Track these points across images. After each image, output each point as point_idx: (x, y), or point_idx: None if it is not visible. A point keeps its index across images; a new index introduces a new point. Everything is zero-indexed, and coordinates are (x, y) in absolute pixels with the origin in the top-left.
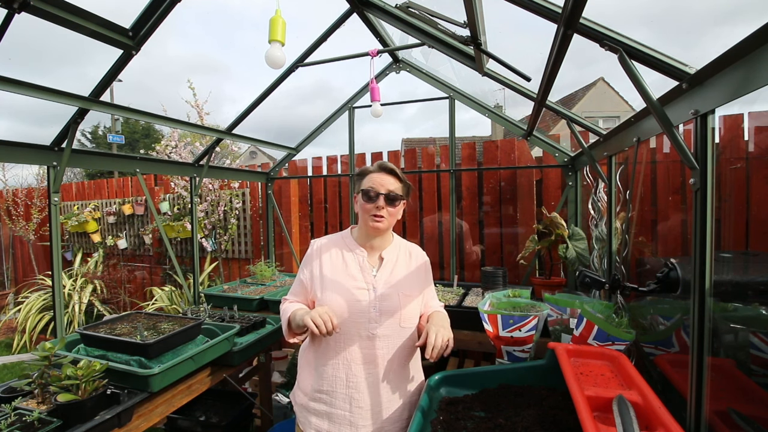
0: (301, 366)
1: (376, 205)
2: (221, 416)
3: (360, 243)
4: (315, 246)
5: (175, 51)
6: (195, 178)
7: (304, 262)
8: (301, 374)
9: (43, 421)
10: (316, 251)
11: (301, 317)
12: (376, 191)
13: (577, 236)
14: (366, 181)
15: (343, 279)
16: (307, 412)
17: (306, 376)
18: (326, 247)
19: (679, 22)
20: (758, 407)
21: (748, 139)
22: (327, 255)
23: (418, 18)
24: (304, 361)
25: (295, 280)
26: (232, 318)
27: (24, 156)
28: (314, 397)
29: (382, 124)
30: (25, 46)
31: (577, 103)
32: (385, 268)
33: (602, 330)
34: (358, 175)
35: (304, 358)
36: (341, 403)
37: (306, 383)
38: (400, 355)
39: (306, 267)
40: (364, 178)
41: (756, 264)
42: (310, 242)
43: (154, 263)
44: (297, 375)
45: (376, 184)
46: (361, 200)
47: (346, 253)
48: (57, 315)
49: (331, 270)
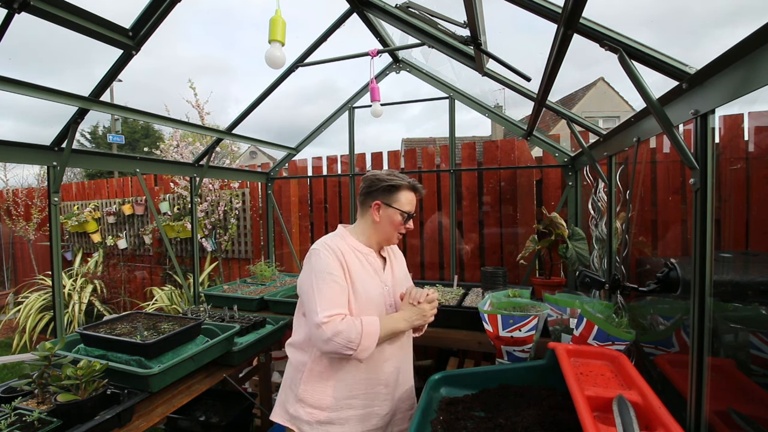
0: (307, 380)
1: (407, 226)
2: (221, 416)
3: (367, 245)
4: (332, 251)
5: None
6: (195, 178)
7: (326, 267)
8: (311, 390)
9: (43, 421)
10: (340, 256)
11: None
12: (413, 214)
13: (577, 236)
14: (404, 200)
15: (369, 282)
16: (329, 425)
17: (323, 390)
18: (344, 251)
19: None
20: (758, 407)
21: (748, 139)
22: (350, 259)
23: (418, 18)
24: (312, 375)
25: (332, 289)
26: (232, 318)
27: (24, 156)
28: (340, 406)
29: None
30: (25, 46)
31: (577, 103)
32: (388, 266)
33: (602, 330)
34: (390, 186)
35: (312, 371)
36: (371, 401)
37: (324, 397)
38: (407, 342)
39: (334, 272)
40: (399, 194)
41: (756, 264)
42: (322, 248)
43: (154, 263)
44: (301, 392)
45: (413, 206)
46: (396, 217)
47: (359, 255)
48: (57, 315)
49: (357, 274)
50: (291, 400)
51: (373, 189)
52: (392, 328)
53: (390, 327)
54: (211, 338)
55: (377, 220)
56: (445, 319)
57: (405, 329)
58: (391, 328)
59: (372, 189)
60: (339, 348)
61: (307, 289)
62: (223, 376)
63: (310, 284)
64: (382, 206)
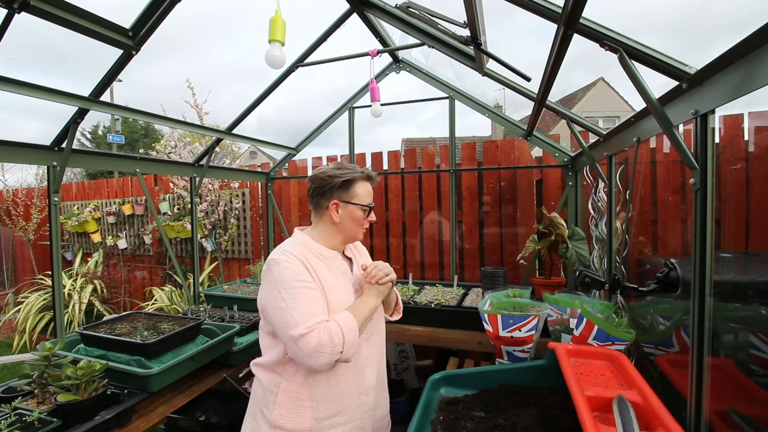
0: (280, 404)
1: (370, 218)
2: (221, 416)
3: (330, 248)
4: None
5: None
6: (195, 178)
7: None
8: (286, 414)
9: (43, 421)
10: (306, 263)
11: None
12: (371, 206)
13: (577, 236)
14: (362, 193)
15: (340, 289)
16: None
17: (297, 411)
18: (308, 258)
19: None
20: (758, 407)
21: (748, 139)
22: (317, 266)
23: (418, 18)
24: (285, 398)
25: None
26: (232, 318)
27: (24, 156)
28: (322, 427)
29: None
30: (25, 46)
31: (577, 103)
32: (355, 264)
33: (602, 330)
34: (345, 181)
35: (286, 394)
36: (353, 414)
37: (302, 420)
38: (383, 345)
39: (303, 278)
40: (356, 187)
41: (756, 264)
42: (283, 257)
43: (154, 263)
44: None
45: (371, 197)
46: (357, 213)
47: (326, 261)
48: (57, 315)
49: (327, 282)
50: (263, 425)
51: (326, 188)
52: (366, 308)
53: (363, 308)
54: (211, 338)
55: (337, 221)
56: (445, 319)
57: (377, 300)
58: (365, 309)
59: (325, 188)
60: (326, 357)
61: (273, 305)
62: (223, 376)
63: (277, 300)
64: (341, 204)
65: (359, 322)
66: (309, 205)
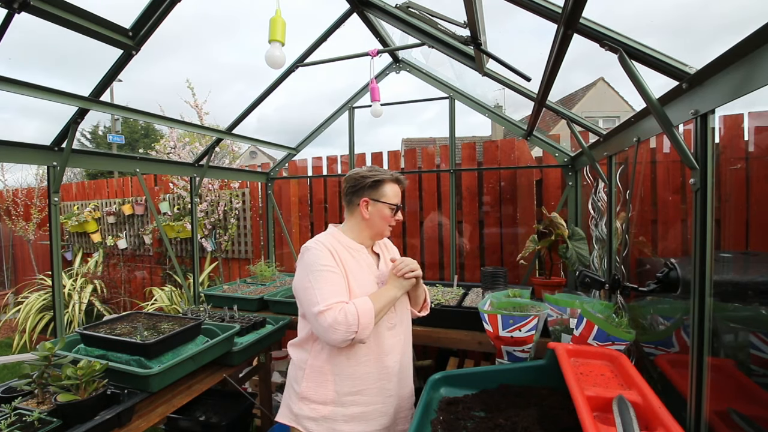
0: (307, 377)
1: (396, 218)
2: (221, 416)
3: (359, 242)
4: (325, 246)
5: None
6: (195, 178)
7: (319, 260)
8: (312, 386)
9: (43, 421)
10: (332, 251)
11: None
12: (399, 206)
13: (577, 236)
14: (390, 193)
15: (363, 280)
16: (331, 421)
17: (321, 385)
18: (337, 248)
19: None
20: (758, 407)
21: (748, 139)
22: (344, 256)
23: (418, 18)
24: (312, 371)
25: (329, 280)
26: (232, 318)
27: (24, 156)
28: (342, 402)
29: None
30: (28, 45)
31: (577, 103)
32: (382, 260)
33: (602, 330)
34: (375, 182)
35: (312, 368)
36: (374, 397)
37: (324, 392)
38: (408, 337)
39: (328, 263)
40: (385, 188)
41: (756, 264)
42: (313, 245)
43: (154, 263)
44: (303, 390)
45: (399, 198)
46: (385, 211)
47: (353, 253)
48: (57, 315)
49: (352, 271)
50: (294, 398)
51: (358, 187)
52: (386, 297)
53: (383, 297)
54: (211, 338)
55: (367, 217)
56: (445, 319)
57: (398, 292)
58: (386, 297)
59: (357, 187)
60: (342, 334)
61: (303, 286)
62: (223, 376)
63: (305, 281)
64: (371, 202)
65: (377, 309)
66: (343, 202)
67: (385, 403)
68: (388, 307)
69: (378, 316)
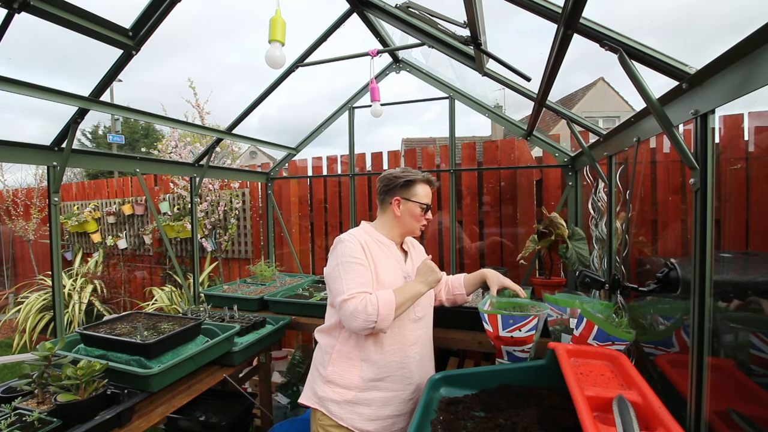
0: (334, 362)
1: (427, 217)
2: (221, 416)
3: (389, 238)
4: (357, 240)
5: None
6: (195, 178)
7: (351, 252)
8: (339, 370)
9: (43, 421)
10: (363, 244)
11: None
12: (430, 206)
13: (577, 236)
14: (422, 193)
15: (391, 271)
16: (355, 405)
17: (348, 370)
18: (366, 241)
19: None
20: (758, 407)
21: (748, 139)
22: (372, 248)
23: (418, 18)
24: (339, 356)
25: (356, 271)
26: (232, 318)
27: (24, 156)
28: (365, 387)
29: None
30: (34, 46)
31: (577, 103)
32: (410, 257)
33: (602, 330)
34: (407, 181)
35: (340, 353)
36: (396, 384)
37: (351, 377)
38: (430, 329)
39: (358, 256)
40: (417, 188)
41: (756, 264)
42: (346, 237)
43: (154, 263)
44: (329, 374)
45: (430, 198)
46: (416, 210)
47: (382, 247)
48: (57, 315)
49: (380, 262)
50: (319, 382)
51: (390, 186)
52: (410, 291)
53: (408, 291)
54: (211, 338)
55: (398, 215)
56: (445, 319)
57: (423, 288)
58: (410, 292)
59: (390, 186)
60: (361, 323)
61: (332, 276)
62: (223, 376)
63: (335, 271)
64: (402, 201)
65: (399, 301)
66: (376, 201)
67: (405, 390)
68: (412, 301)
69: (400, 309)
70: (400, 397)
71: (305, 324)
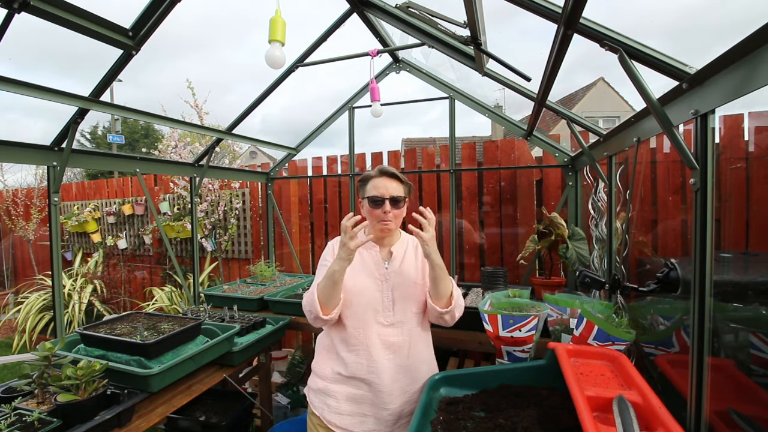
0: (318, 352)
1: (383, 210)
2: (221, 416)
3: (374, 241)
4: (332, 244)
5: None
6: (195, 178)
7: (324, 255)
8: (319, 360)
9: (43, 421)
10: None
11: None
12: (382, 197)
13: (577, 236)
14: (370, 187)
15: (360, 273)
16: (325, 395)
17: (325, 361)
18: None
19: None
20: (758, 407)
21: (748, 139)
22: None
23: (418, 18)
24: (321, 347)
25: (320, 272)
26: (232, 318)
27: (24, 156)
28: (335, 379)
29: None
30: (34, 47)
31: (577, 103)
32: (394, 261)
33: (602, 330)
34: (361, 181)
35: (321, 344)
36: (363, 384)
37: (325, 368)
38: (416, 339)
39: (328, 258)
40: (367, 184)
41: (756, 264)
42: (329, 243)
43: (154, 263)
44: (313, 363)
45: (381, 189)
46: (368, 206)
47: (362, 250)
48: (57, 315)
49: (352, 266)
50: (312, 373)
51: (359, 190)
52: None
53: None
54: (211, 338)
55: (363, 215)
56: None
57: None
58: (327, 271)
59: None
60: (309, 315)
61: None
62: (223, 376)
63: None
64: (362, 202)
65: (321, 284)
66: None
67: (375, 396)
68: (328, 280)
69: (324, 292)
70: (370, 400)
71: (305, 324)
